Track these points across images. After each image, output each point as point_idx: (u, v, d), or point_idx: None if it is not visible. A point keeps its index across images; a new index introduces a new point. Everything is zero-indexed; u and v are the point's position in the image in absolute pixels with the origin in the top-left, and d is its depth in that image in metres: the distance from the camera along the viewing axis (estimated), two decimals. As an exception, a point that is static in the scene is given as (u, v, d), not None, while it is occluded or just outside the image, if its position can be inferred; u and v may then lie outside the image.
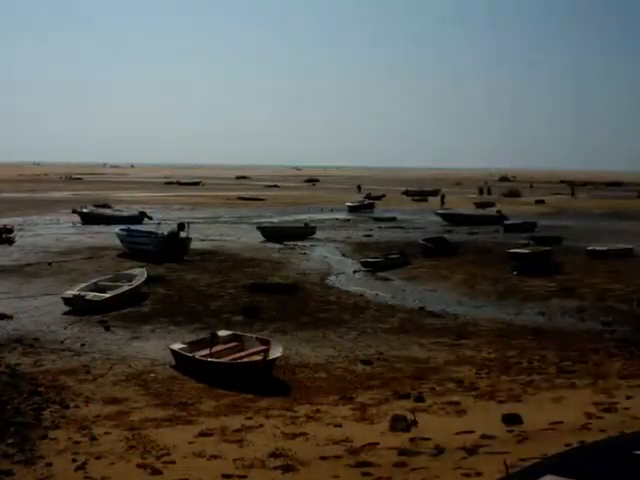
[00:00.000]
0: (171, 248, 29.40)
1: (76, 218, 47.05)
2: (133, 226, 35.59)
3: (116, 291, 20.71)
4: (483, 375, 13.77)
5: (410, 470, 9.10)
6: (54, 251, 31.21)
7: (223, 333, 15.38)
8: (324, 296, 22.23)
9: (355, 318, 19.05)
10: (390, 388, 12.87)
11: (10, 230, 35.70)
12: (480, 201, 69.82)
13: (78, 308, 19.22)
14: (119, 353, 15.20)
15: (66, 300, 19.64)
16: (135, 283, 21.74)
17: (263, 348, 14.13)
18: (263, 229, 39.28)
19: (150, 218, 43.65)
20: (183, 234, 30.17)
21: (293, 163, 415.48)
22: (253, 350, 14.24)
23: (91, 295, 19.79)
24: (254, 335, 15.51)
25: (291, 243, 35.95)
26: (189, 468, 9.19)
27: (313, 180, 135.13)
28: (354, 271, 27.87)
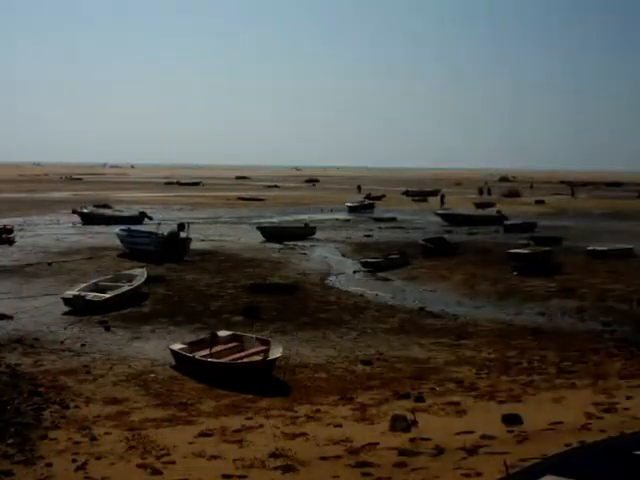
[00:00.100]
0: (171, 248, 29.41)
1: (76, 218, 47.07)
2: (133, 226, 35.58)
3: (116, 291, 20.71)
4: (483, 375, 13.77)
5: (410, 470, 9.10)
6: (54, 251, 31.22)
7: (223, 333, 15.39)
8: (324, 296, 22.24)
9: (355, 318, 19.06)
10: (390, 388, 12.87)
11: (10, 230, 35.70)
12: (480, 201, 69.81)
13: (78, 308, 19.23)
14: (119, 353, 15.21)
15: (66, 300, 19.65)
16: (135, 283, 21.74)
17: (263, 348, 14.13)
18: (263, 229, 39.29)
19: (150, 218, 43.66)
20: (183, 234, 30.18)
21: (293, 163, 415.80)
22: (253, 350, 14.24)
23: (91, 295, 19.79)
24: (254, 335, 15.52)
25: (291, 243, 35.97)
26: (189, 468, 9.20)
27: (313, 180, 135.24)
28: (354, 271, 27.87)
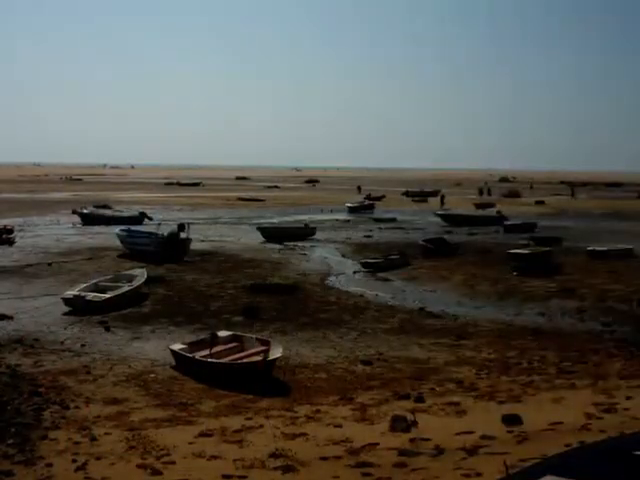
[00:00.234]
0: (171, 249, 29.41)
1: (76, 219, 47.08)
2: (133, 227, 35.58)
3: (116, 292, 20.71)
4: (483, 376, 13.77)
5: (410, 471, 9.10)
6: (54, 252, 31.22)
7: (223, 334, 15.39)
8: (324, 297, 22.24)
9: (355, 319, 19.06)
10: (390, 388, 12.87)
11: (10, 231, 35.71)
12: (480, 202, 69.78)
13: (78, 308, 19.23)
14: (119, 353, 15.21)
15: (66, 300, 19.65)
16: (135, 284, 21.74)
17: (263, 349, 14.12)
18: (263, 230, 39.28)
19: (150, 219, 43.66)
20: (183, 235, 30.18)
21: (293, 164, 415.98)
22: (253, 351, 14.24)
23: (91, 296, 19.79)
24: (254, 335, 15.52)
25: (291, 244, 35.96)
26: (189, 468, 9.20)
27: (313, 181, 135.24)
28: (354, 272, 27.87)
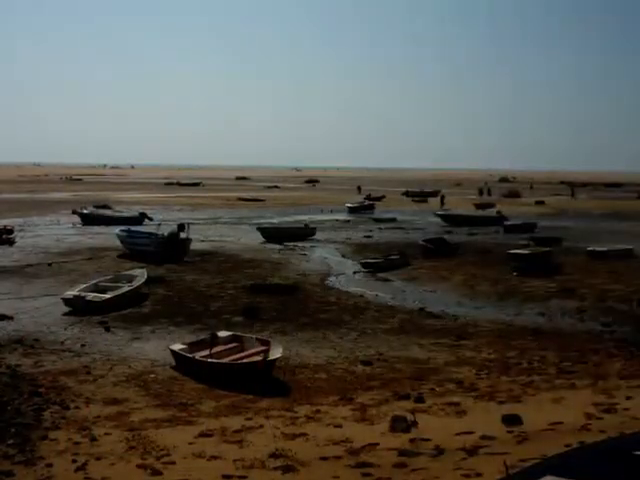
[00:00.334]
0: (171, 249, 29.41)
1: (76, 219, 47.08)
2: (133, 227, 35.59)
3: (116, 292, 20.71)
4: (483, 376, 13.77)
5: (410, 471, 9.10)
6: (54, 252, 31.22)
7: (223, 334, 15.39)
8: (324, 297, 22.24)
9: (355, 319, 19.06)
10: (390, 389, 12.87)
11: (10, 231, 35.73)
12: (480, 202, 69.76)
13: (78, 309, 19.24)
14: (119, 354, 15.21)
15: (66, 301, 19.65)
16: (135, 284, 21.75)
17: (263, 349, 14.13)
18: (263, 230, 39.28)
19: (150, 219, 43.65)
20: (183, 235, 30.18)
21: (293, 164, 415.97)
22: (253, 351, 14.24)
23: (91, 296, 19.79)
24: (254, 336, 15.52)
25: (291, 244, 35.95)
26: (189, 469, 9.20)
27: (313, 181, 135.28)
28: (354, 272, 27.87)
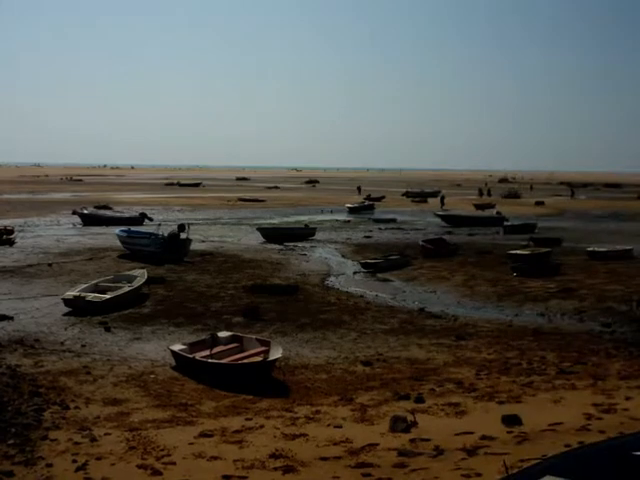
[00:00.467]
0: (171, 249, 29.43)
1: (76, 219, 47.11)
2: (133, 227, 35.65)
3: (116, 292, 20.71)
4: (483, 376, 13.77)
5: (410, 471, 9.10)
6: (54, 252, 31.21)
7: (223, 334, 15.40)
8: (324, 297, 22.25)
9: (355, 319, 19.07)
10: (390, 389, 12.88)
11: (11, 231, 35.72)
12: (480, 202, 69.81)
13: (79, 309, 19.24)
14: (119, 354, 15.21)
15: (67, 301, 19.65)
16: (135, 284, 21.75)
17: (263, 349, 14.15)
18: (263, 230, 39.30)
19: (150, 219, 43.67)
20: (183, 235, 30.19)
21: (293, 164, 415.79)
22: (253, 351, 14.26)
23: (91, 296, 19.79)
24: (254, 336, 15.52)
25: (291, 244, 35.98)
26: (189, 469, 9.21)
27: (313, 181, 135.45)
28: (354, 272, 27.90)
